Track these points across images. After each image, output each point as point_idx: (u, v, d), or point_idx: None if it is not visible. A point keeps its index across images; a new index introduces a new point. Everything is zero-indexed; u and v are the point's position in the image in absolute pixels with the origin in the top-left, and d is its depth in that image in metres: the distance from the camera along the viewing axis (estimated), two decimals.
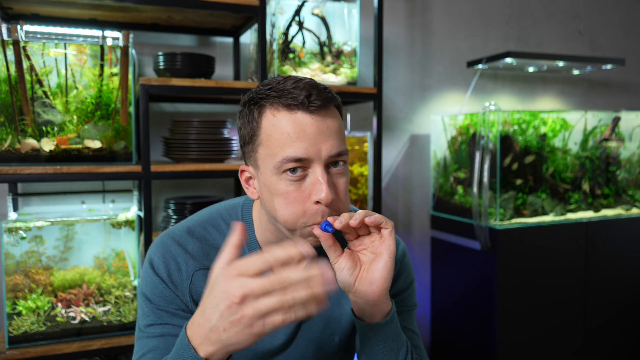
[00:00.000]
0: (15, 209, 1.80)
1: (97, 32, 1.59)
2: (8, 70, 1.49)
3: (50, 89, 1.54)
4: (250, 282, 0.57)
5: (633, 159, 2.57)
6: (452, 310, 2.40)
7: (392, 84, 2.51)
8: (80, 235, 1.59)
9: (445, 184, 2.46)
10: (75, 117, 1.57)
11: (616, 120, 2.48)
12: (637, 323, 2.47)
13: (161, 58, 1.77)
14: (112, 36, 1.59)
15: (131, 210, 1.82)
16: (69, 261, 1.58)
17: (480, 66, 2.47)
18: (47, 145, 1.54)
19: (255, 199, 0.86)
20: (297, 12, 1.91)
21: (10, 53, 1.49)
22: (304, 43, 1.95)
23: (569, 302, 2.27)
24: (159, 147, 1.99)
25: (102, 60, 1.58)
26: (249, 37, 2.08)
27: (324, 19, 1.97)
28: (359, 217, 0.75)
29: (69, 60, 1.56)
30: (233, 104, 2.12)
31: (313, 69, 1.96)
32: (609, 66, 2.63)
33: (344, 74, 1.99)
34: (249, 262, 0.59)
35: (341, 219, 0.75)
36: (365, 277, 0.77)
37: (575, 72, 2.85)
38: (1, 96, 1.50)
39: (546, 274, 2.21)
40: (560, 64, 2.53)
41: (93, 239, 1.60)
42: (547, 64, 2.57)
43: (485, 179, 2.13)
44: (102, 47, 1.58)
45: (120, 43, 1.59)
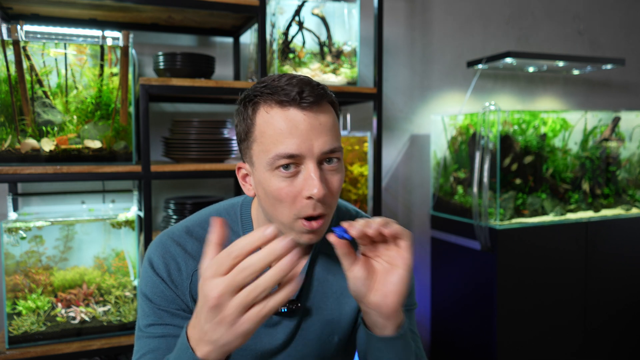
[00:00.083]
0: (15, 209, 1.80)
1: (97, 32, 1.59)
2: (8, 70, 1.49)
3: (50, 89, 1.54)
4: (220, 281, 0.58)
5: (633, 159, 2.57)
6: (452, 310, 2.40)
7: (392, 84, 2.51)
8: (80, 235, 1.59)
9: (445, 184, 2.46)
10: (75, 117, 1.57)
11: (616, 120, 2.48)
12: (637, 323, 2.47)
13: (161, 58, 1.77)
14: (112, 36, 1.59)
15: (131, 210, 1.82)
16: (69, 261, 1.58)
17: (480, 66, 2.47)
18: (47, 145, 1.54)
19: (252, 196, 0.86)
20: (297, 12, 1.91)
21: (10, 53, 1.49)
22: (304, 43, 1.95)
23: (569, 302, 2.27)
24: (159, 147, 2.00)
25: (102, 60, 1.58)
26: (249, 37, 2.08)
27: (324, 19, 1.97)
28: (376, 225, 0.70)
29: (69, 60, 1.55)
30: (233, 104, 2.12)
31: (313, 69, 1.96)
32: (609, 66, 2.63)
33: (344, 74, 1.99)
34: (219, 260, 0.59)
35: (358, 226, 0.70)
36: (379, 288, 0.73)
37: (575, 72, 2.85)
38: (1, 96, 1.50)
39: (546, 274, 2.21)
40: (560, 64, 2.53)
41: (93, 239, 1.60)
42: (547, 64, 2.57)
43: (485, 179, 2.13)
44: (102, 47, 1.58)
45: (120, 43, 1.59)
